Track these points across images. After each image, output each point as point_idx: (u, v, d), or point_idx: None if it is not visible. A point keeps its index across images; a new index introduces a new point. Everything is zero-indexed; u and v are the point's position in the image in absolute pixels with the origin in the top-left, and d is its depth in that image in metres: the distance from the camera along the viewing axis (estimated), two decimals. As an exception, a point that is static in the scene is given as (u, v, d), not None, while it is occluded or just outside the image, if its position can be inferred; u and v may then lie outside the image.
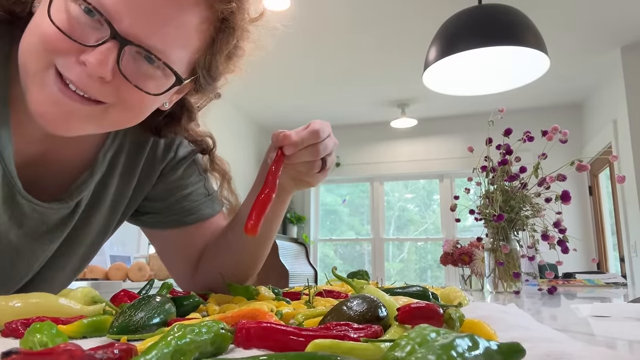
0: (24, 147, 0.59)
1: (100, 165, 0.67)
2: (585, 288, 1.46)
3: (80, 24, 0.48)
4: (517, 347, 0.23)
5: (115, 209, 0.72)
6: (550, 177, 1.24)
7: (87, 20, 0.48)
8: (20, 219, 0.61)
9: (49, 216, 0.63)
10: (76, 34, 0.48)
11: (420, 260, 5.24)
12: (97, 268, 2.44)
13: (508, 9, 1.73)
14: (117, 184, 0.70)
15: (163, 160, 0.75)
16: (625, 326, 0.46)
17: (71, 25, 0.48)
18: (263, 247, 0.75)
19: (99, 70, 0.48)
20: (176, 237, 0.77)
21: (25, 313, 0.38)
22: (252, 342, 0.29)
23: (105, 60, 0.48)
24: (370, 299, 0.37)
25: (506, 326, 0.37)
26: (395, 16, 3.09)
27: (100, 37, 0.48)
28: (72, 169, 0.65)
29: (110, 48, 0.48)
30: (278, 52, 3.54)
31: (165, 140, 0.74)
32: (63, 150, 0.63)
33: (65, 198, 0.64)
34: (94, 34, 0.49)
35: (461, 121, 4.83)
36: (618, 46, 3.46)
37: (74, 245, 0.70)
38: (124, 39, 0.48)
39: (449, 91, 2.00)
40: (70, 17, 0.48)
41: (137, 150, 0.71)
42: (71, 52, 0.49)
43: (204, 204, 0.77)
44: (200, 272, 0.77)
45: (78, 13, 0.48)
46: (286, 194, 0.71)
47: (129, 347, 0.25)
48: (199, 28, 0.53)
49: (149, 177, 0.74)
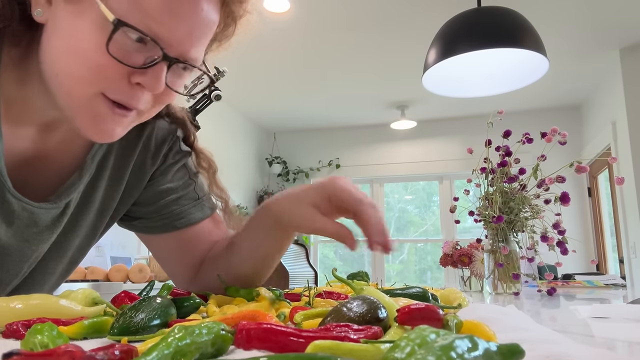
0: (16, 146, 0.60)
1: (89, 167, 0.67)
2: (584, 289, 1.46)
3: (128, 47, 0.51)
4: (516, 348, 0.23)
5: (104, 212, 0.72)
6: (550, 179, 1.24)
7: (134, 45, 0.51)
8: (9, 218, 0.61)
9: (39, 216, 0.63)
10: (127, 59, 0.51)
11: (420, 262, 5.24)
12: (98, 269, 2.44)
13: (507, 12, 1.73)
14: (106, 186, 0.70)
15: (153, 165, 0.75)
16: (624, 327, 0.46)
17: (123, 53, 0.51)
18: (267, 272, 0.73)
19: (156, 88, 0.53)
20: (168, 241, 0.76)
21: (26, 314, 0.38)
22: (253, 344, 0.29)
23: (161, 80, 0.53)
24: (370, 300, 0.37)
25: (506, 327, 0.37)
26: (395, 18, 3.09)
27: (147, 57, 0.52)
28: (61, 170, 0.65)
29: (162, 67, 0.52)
30: (278, 53, 3.54)
31: (155, 144, 0.74)
32: (54, 151, 0.64)
33: (54, 199, 0.64)
34: (140, 55, 0.52)
35: (460, 123, 4.83)
36: (617, 48, 3.47)
37: (63, 249, 0.70)
38: (171, 58, 0.53)
39: (449, 93, 2.00)
40: (120, 45, 0.51)
41: (126, 153, 0.71)
42: (122, 77, 0.52)
43: (194, 207, 0.77)
44: (200, 281, 0.76)
45: (126, 39, 0.51)
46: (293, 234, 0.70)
47: (129, 348, 0.25)
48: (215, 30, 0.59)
49: (139, 181, 0.74)
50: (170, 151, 0.76)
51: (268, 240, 0.69)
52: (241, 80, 3.99)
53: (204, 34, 0.56)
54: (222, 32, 0.62)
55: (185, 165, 0.78)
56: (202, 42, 0.56)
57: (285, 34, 3.27)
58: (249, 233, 0.71)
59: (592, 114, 4.25)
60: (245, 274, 0.70)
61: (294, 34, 3.27)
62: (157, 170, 0.75)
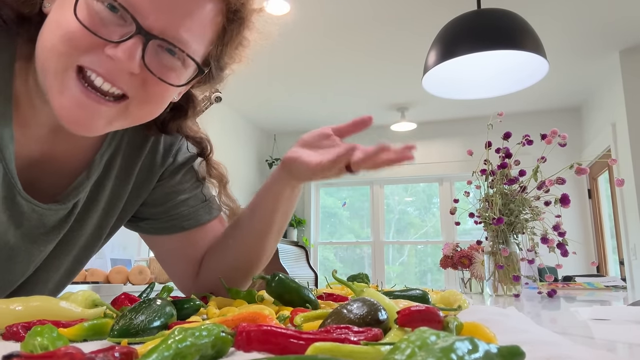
0: (25, 148, 0.59)
1: (97, 167, 0.67)
2: (584, 291, 1.46)
3: (103, 20, 0.49)
4: (517, 350, 0.23)
5: (110, 211, 0.72)
6: (550, 181, 1.24)
7: (110, 16, 0.49)
8: (19, 220, 0.61)
9: (48, 217, 0.63)
10: (100, 30, 0.49)
11: (420, 264, 5.23)
12: (98, 271, 2.44)
13: (507, 14, 1.73)
14: (113, 186, 0.70)
15: (162, 166, 0.75)
16: (624, 329, 0.46)
17: (95, 22, 0.49)
18: (272, 242, 0.75)
19: (128, 64, 0.49)
20: (174, 242, 0.77)
21: (26, 316, 0.38)
22: (253, 346, 0.29)
23: (133, 55, 0.49)
24: (371, 302, 0.37)
25: (506, 329, 0.37)
26: (395, 20, 3.10)
27: (124, 33, 0.50)
28: (69, 170, 0.65)
29: (136, 43, 0.50)
30: (278, 55, 3.55)
31: (164, 145, 0.75)
32: (62, 151, 0.63)
33: (63, 199, 0.64)
34: (117, 29, 0.50)
35: (461, 125, 4.83)
36: (616, 50, 3.47)
37: (68, 247, 0.70)
38: (148, 34, 0.50)
39: (449, 95, 2.00)
40: (94, 14, 0.49)
41: (133, 152, 0.71)
42: (95, 48, 0.50)
43: (202, 209, 0.77)
44: (201, 278, 0.77)
45: (101, 9, 0.49)
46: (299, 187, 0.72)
47: (129, 350, 0.25)
48: (214, 20, 0.56)
49: (148, 181, 0.74)
50: (179, 152, 0.77)
51: (271, 199, 0.71)
52: (242, 82, 3.99)
53: (189, 14, 0.52)
54: (228, 33, 0.59)
55: (193, 167, 0.79)
56: (188, 24, 0.52)
57: (286, 36, 3.28)
58: (243, 214, 0.75)
59: (592, 115, 4.25)
60: (250, 245, 0.73)
61: (294, 36, 3.28)
62: (166, 171, 0.76)
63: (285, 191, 0.70)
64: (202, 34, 0.55)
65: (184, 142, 0.78)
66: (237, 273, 0.74)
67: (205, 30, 0.55)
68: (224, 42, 0.59)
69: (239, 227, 0.75)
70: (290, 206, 0.73)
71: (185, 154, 0.77)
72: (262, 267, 0.76)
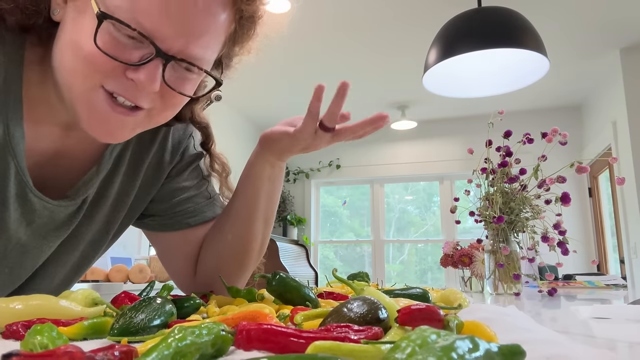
0: (36, 146, 0.60)
1: (107, 162, 0.68)
2: (585, 290, 1.46)
3: (121, 43, 0.51)
4: (517, 349, 0.23)
5: (118, 207, 0.73)
6: (550, 179, 1.24)
7: (128, 40, 0.51)
8: (30, 217, 0.62)
9: (58, 213, 0.64)
10: (120, 54, 0.51)
11: (420, 262, 5.24)
12: (98, 270, 2.44)
13: (507, 12, 1.73)
14: (121, 181, 0.71)
15: (171, 163, 0.76)
16: (625, 328, 0.46)
17: (114, 46, 0.50)
18: (260, 228, 0.76)
19: (150, 86, 0.52)
20: (178, 239, 0.78)
21: (25, 315, 0.38)
22: (253, 344, 0.29)
23: (155, 77, 0.52)
24: (371, 300, 0.37)
25: (506, 328, 0.37)
26: (396, 18, 3.09)
27: (143, 55, 0.51)
28: (79, 166, 0.66)
29: (156, 64, 0.51)
30: (278, 53, 3.54)
31: (172, 142, 0.76)
32: (73, 148, 0.64)
33: (73, 195, 0.65)
34: (136, 52, 0.51)
35: (461, 123, 4.83)
36: (617, 48, 3.46)
37: (75, 241, 0.71)
38: (167, 55, 0.52)
39: (449, 93, 2.00)
40: (113, 39, 0.50)
41: (142, 149, 0.73)
42: (117, 71, 0.52)
43: (206, 206, 0.79)
44: (199, 273, 0.78)
45: (117, 33, 0.50)
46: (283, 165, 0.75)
47: (129, 349, 0.25)
48: (228, 28, 0.58)
49: (156, 178, 0.75)
50: (187, 149, 0.78)
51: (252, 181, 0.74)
52: (241, 80, 3.99)
53: (205, 31, 0.53)
54: (239, 33, 0.60)
55: (199, 165, 0.80)
56: (205, 40, 0.54)
57: (286, 35, 3.27)
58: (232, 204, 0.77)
59: (593, 114, 4.25)
60: (238, 233, 0.74)
61: (295, 34, 3.28)
62: (174, 169, 0.77)
63: (265, 170, 0.73)
64: (217, 43, 0.57)
65: (192, 140, 0.79)
66: (231, 264, 0.75)
67: (219, 39, 0.57)
68: (235, 42, 0.61)
69: (225, 215, 0.77)
70: (273, 188, 0.75)
71: (193, 151, 0.79)
72: (256, 257, 0.77)
